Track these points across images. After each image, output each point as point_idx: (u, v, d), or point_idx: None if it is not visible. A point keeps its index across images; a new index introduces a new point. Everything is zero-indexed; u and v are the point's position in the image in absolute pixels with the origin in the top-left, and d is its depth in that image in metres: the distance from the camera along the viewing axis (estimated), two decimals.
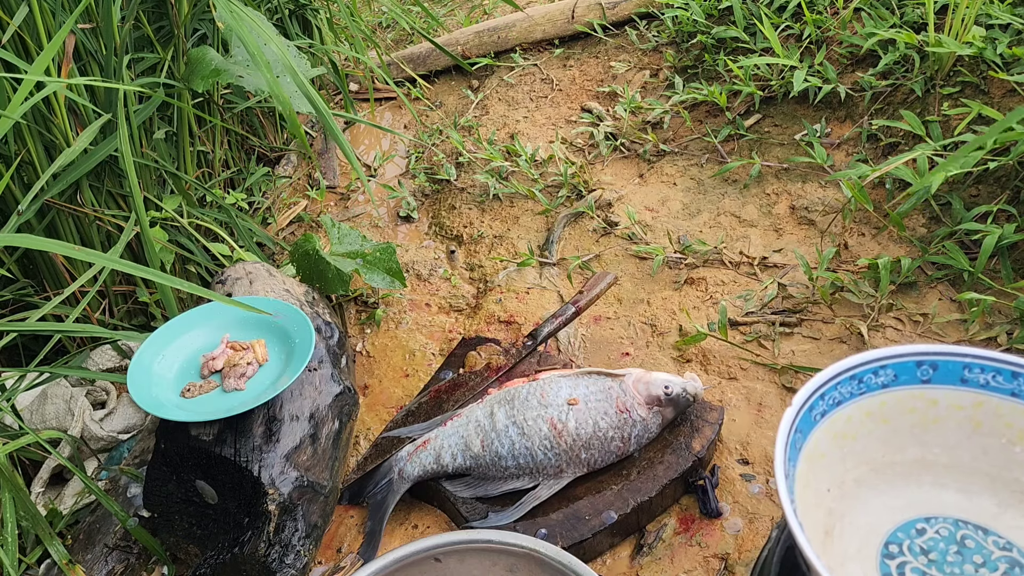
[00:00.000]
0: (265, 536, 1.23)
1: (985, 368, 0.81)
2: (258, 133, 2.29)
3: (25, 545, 1.32)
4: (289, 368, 1.29)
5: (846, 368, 0.83)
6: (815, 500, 0.83)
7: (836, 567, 0.80)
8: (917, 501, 0.85)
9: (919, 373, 0.83)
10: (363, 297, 1.87)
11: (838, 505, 0.85)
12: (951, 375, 0.82)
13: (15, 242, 1.14)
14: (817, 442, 0.83)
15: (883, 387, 0.83)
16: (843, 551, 0.82)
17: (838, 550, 0.82)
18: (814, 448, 0.83)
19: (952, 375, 0.82)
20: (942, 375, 0.82)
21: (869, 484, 0.86)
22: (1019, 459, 0.82)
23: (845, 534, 0.83)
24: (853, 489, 0.86)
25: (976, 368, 0.82)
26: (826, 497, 0.84)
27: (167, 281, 1.06)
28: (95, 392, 1.56)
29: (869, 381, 0.83)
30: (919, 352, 0.82)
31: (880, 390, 0.83)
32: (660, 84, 2.32)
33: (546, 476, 1.37)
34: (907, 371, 0.83)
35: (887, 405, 0.84)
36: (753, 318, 1.68)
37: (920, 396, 0.84)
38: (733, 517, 1.36)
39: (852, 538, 0.83)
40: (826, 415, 0.83)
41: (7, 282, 1.54)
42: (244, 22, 1.34)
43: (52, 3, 1.42)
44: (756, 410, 1.52)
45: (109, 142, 1.49)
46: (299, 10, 2.31)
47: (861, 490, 0.86)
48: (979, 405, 0.83)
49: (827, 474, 0.85)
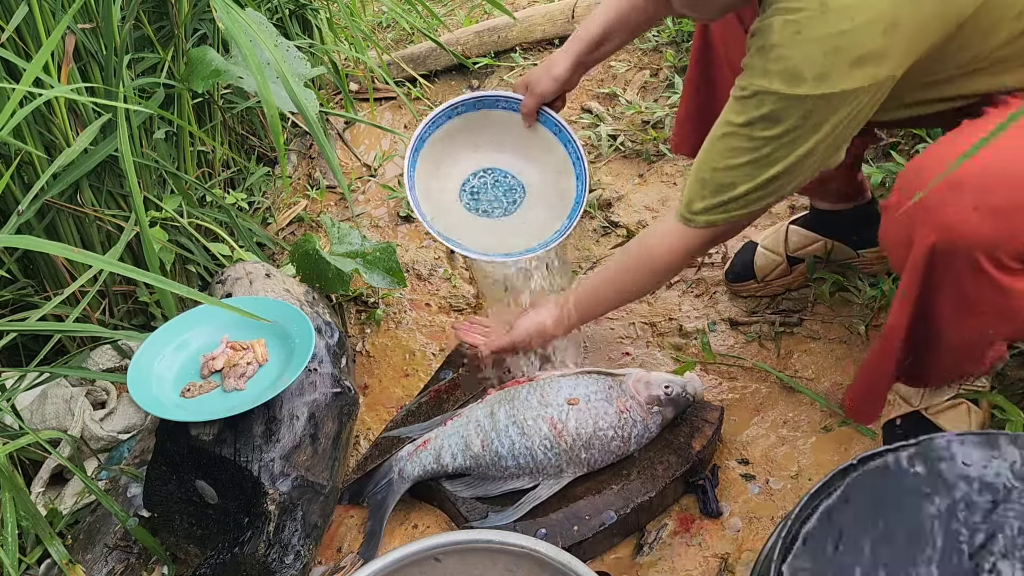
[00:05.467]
0: (265, 536, 1.23)
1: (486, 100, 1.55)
2: (258, 133, 2.29)
3: (25, 545, 1.32)
4: (289, 368, 1.29)
5: (433, 115, 1.52)
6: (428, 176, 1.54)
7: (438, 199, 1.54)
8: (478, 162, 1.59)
9: (476, 104, 1.55)
10: (363, 297, 1.87)
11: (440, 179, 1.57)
12: (492, 104, 1.55)
13: (15, 243, 1.14)
14: (422, 160, 1.53)
15: (458, 113, 1.55)
16: (440, 191, 1.56)
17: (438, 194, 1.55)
18: (422, 165, 1.53)
19: (469, 107, 1.55)
20: (486, 104, 1.55)
21: (452, 159, 1.58)
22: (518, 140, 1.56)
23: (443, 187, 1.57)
24: (449, 166, 1.57)
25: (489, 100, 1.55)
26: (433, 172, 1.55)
27: (164, 285, 1.06)
28: (95, 392, 1.56)
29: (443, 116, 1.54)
30: (476, 96, 1.55)
31: (446, 121, 1.54)
32: (660, 84, 2.32)
33: (546, 476, 1.37)
34: (471, 105, 1.55)
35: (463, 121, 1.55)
36: (754, 318, 1.68)
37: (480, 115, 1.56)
38: (733, 517, 1.36)
39: (446, 184, 1.57)
40: (433, 131, 1.54)
41: (7, 282, 1.54)
42: (240, 23, 1.34)
43: (52, 3, 1.42)
44: (756, 410, 1.52)
45: (109, 142, 1.49)
46: (299, 10, 2.30)
47: (453, 162, 1.58)
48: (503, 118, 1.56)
49: (432, 158, 1.54)
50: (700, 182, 1.20)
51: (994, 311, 1.10)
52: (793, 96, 1.05)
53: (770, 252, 1.68)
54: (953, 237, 1.04)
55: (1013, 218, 1.02)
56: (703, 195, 1.20)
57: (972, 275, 1.06)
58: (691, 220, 1.23)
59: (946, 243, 1.05)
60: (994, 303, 1.09)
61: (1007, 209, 1.02)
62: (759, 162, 1.13)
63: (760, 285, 1.69)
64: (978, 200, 1.02)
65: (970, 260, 1.05)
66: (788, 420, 1.49)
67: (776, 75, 1.05)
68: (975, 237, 1.03)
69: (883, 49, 1.01)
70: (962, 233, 1.03)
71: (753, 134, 1.11)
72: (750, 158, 1.13)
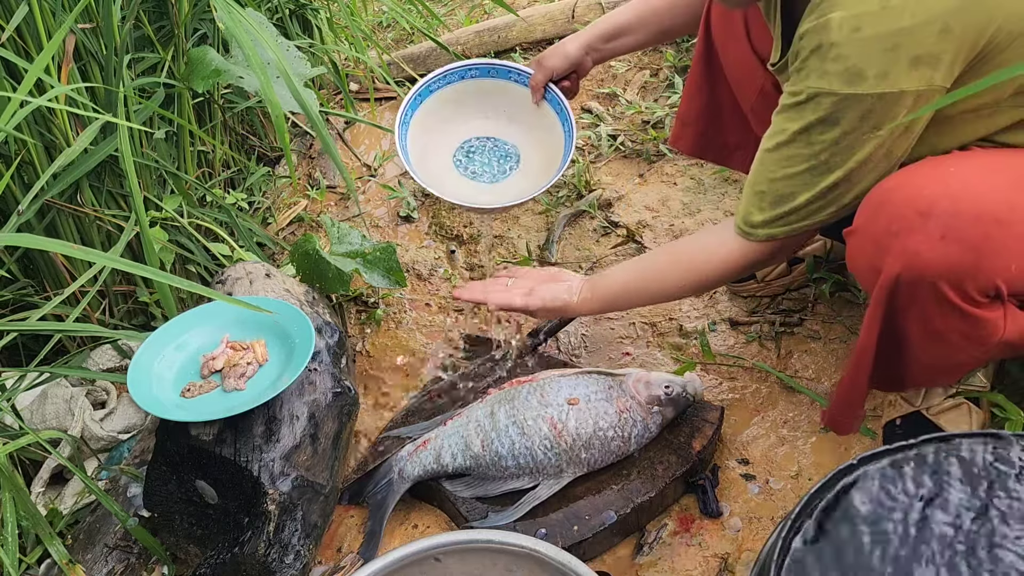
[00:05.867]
0: (265, 536, 1.23)
1: (491, 69, 1.57)
2: (258, 133, 2.29)
3: (25, 545, 1.32)
4: (289, 368, 1.29)
5: (444, 70, 1.56)
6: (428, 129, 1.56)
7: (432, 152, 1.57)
8: (470, 129, 1.61)
9: (490, 71, 1.58)
10: (363, 297, 1.87)
11: (440, 134, 1.59)
12: (482, 72, 1.57)
13: (15, 242, 1.14)
14: (422, 110, 1.56)
15: (448, 83, 1.57)
16: (436, 144, 1.58)
17: (433, 148, 1.57)
18: (420, 114, 1.55)
19: (483, 72, 1.57)
20: (478, 72, 1.57)
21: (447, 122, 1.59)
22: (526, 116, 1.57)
23: (437, 151, 1.59)
24: (454, 124, 1.60)
25: (502, 70, 1.57)
26: (434, 127, 1.57)
27: (167, 280, 1.06)
28: (95, 392, 1.56)
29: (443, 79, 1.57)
30: (469, 63, 1.58)
31: (447, 85, 1.57)
32: (660, 84, 2.32)
33: (546, 476, 1.37)
34: (459, 73, 1.58)
35: (453, 90, 1.58)
36: (754, 318, 1.68)
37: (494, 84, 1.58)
38: (733, 517, 1.36)
39: (439, 150, 1.59)
40: (426, 97, 1.56)
41: (7, 282, 1.54)
42: (242, 23, 1.34)
43: (52, 3, 1.42)
44: (756, 410, 1.52)
45: (109, 142, 1.49)
46: (299, 10, 2.30)
47: (443, 127, 1.59)
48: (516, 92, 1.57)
49: (435, 113, 1.57)
50: (758, 195, 1.19)
51: (961, 338, 1.10)
52: (852, 96, 1.04)
53: None
54: (919, 265, 1.04)
55: (980, 249, 1.02)
56: (762, 207, 1.18)
57: (937, 305, 1.06)
58: (750, 234, 1.21)
59: (911, 271, 1.04)
60: (961, 332, 1.09)
61: (974, 240, 1.02)
62: (818, 169, 1.11)
63: (760, 285, 1.69)
64: (946, 229, 1.02)
65: (935, 290, 1.05)
66: (788, 420, 1.49)
67: (835, 75, 1.04)
68: (941, 267, 1.03)
69: (938, 52, 1.01)
70: (928, 262, 1.03)
71: (811, 139, 1.10)
72: (808, 165, 1.12)
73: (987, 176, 1.07)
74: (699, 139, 1.59)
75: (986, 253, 1.02)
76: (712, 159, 1.73)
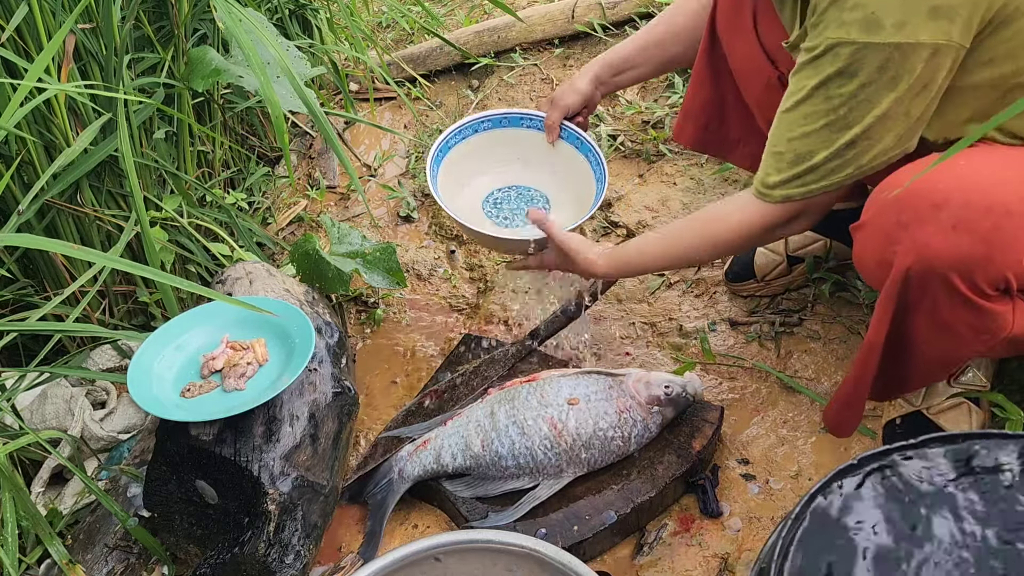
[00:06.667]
0: (265, 536, 1.23)
1: (503, 119, 1.62)
2: (258, 133, 2.29)
3: (25, 545, 1.32)
4: (289, 368, 1.29)
5: (459, 125, 1.61)
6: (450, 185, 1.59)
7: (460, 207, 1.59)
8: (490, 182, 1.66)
9: (502, 121, 1.62)
10: (363, 297, 1.87)
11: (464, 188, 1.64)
12: (495, 123, 1.62)
13: (15, 242, 1.14)
14: (451, 156, 1.60)
15: (475, 132, 1.62)
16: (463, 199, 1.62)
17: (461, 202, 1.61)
18: (450, 160, 1.60)
19: (495, 123, 1.62)
20: (512, 122, 1.62)
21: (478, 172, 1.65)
22: (543, 157, 1.62)
23: (465, 195, 1.63)
24: (474, 178, 1.64)
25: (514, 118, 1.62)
26: (458, 182, 1.62)
27: (167, 280, 1.06)
28: (95, 392, 1.56)
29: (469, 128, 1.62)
30: (502, 113, 1.63)
31: (473, 134, 1.62)
32: (660, 84, 2.32)
33: (546, 476, 1.37)
34: (496, 121, 1.63)
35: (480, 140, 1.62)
36: (754, 318, 1.68)
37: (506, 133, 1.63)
38: (733, 517, 1.36)
39: (469, 193, 1.64)
40: (453, 146, 1.61)
41: (7, 282, 1.54)
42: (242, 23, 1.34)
43: (52, 3, 1.42)
44: (756, 410, 1.52)
45: (109, 142, 1.49)
46: (299, 10, 2.30)
47: (479, 175, 1.65)
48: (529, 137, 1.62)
49: (455, 169, 1.61)
50: (776, 156, 1.18)
51: (969, 331, 1.10)
52: (870, 44, 1.04)
53: (770, 252, 1.67)
54: (929, 256, 1.04)
55: (991, 240, 1.02)
56: (779, 168, 1.17)
57: (947, 298, 1.06)
58: (766, 195, 1.20)
59: (923, 263, 1.04)
60: (969, 324, 1.09)
61: (985, 230, 1.02)
62: (836, 124, 1.10)
63: (760, 285, 1.69)
64: (957, 219, 1.02)
65: (945, 282, 1.04)
66: (788, 420, 1.49)
67: (853, 24, 1.04)
68: (952, 258, 1.03)
69: (956, 4, 1.00)
70: (939, 252, 1.03)
71: (829, 92, 1.09)
72: (826, 121, 1.11)
73: (998, 170, 1.07)
74: (701, 132, 1.59)
75: (997, 245, 1.02)
76: (714, 153, 1.73)
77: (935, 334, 1.12)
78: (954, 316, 1.08)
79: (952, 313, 1.08)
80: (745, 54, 1.44)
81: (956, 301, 1.06)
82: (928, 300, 1.08)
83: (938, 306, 1.08)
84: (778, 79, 1.39)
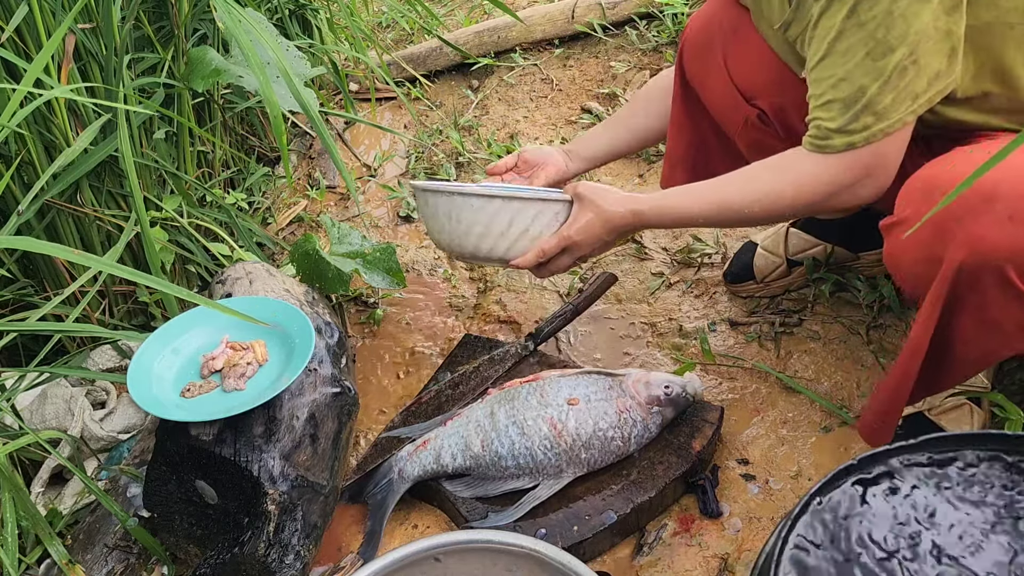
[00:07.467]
0: (265, 536, 1.23)
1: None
2: (258, 133, 2.29)
3: (25, 545, 1.32)
4: (289, 368, 1.29)
5: None
6: None
7: None
8: None
9: None
10: (363, 297, 1.87)
11: None
12: None
13: (15, 244, 1.14)
14: None
15: None
16: None
17: None
18: None
19: None
20: None
21: None
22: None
23: None
24: None
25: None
26: None
27: (164, 288, 1.06)
28: (95, 392, 1.56)
29: None
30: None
31: None
32: None
33: (546, 476, 1.37)
34: None
35: None
36: (754, 318, 1.68)
37: None
38: (733, 517, 1.36)
39: None
40: None
41: (7, 282, 1.54)
42: (242, 23, 1.34)
43: (52, 3, 1.42)
44: (756, 410, 1.52)
45: (109, 142, 1.49)
46: (299, 10, 2.30)
47: None
48: None
49: None
50: (825, 106, 1.12)
51: (1017, 329, 1.07)
52: None
53: (770, 254, 1.67)
54: (984, 249, 1.00)
55: None
56: (832, 115, 1.11)
57: (1000, 292, 1.03)
58: (826, 146, 1.13)
59: (977, 256, 1.01)
60: (1018, 321, 1.06)
61: None
62: (878, 50, 1.06)
63: (759, 286, 1.69)
64: (1013, 210, 0.98)
65: (1000, 276, 1.01)
66: (788, 420, 1.49)
67: None
68: (1009, 249, 0.99)
69: None
70: (995, 244, 0.99)
71: (861, 19, 1.05)
72: (866, 50, 1.06)
73: None
74: (690, 175, 1.54)
75: None
76: None
77: (980, 333, 1.08)
78: (1004, 313, 1.05)
79: (1002, 310, 1.04)
80: (721, 93, 1.44)
81: (1009, 296, 1.02)
82: (977, 297, 1.04)
83: (987, 302, 1.04)
84: (757, 117, 1.38)
